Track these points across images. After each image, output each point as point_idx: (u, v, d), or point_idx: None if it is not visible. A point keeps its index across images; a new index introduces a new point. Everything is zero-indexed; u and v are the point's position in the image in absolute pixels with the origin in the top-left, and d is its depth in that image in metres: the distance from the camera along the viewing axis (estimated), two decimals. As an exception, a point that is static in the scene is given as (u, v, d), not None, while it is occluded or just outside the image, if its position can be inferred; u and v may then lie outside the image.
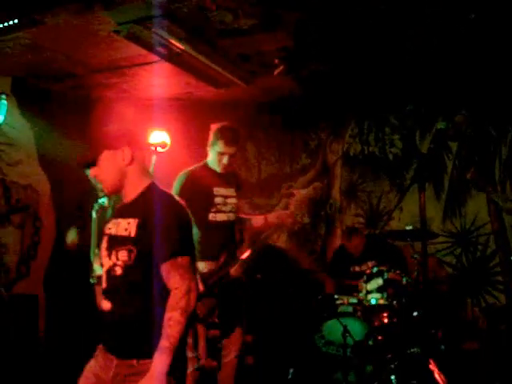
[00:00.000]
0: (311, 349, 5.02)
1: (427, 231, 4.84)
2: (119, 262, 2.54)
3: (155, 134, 4.14)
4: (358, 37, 4.57)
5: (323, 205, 6.78)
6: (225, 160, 4.16)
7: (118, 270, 2.54)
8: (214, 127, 4.21)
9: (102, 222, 4.14)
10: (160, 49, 4.50)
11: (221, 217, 4.22)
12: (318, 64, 5.19)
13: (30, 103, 5.54)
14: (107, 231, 2.72)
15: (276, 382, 5.10)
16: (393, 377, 4.58)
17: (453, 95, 5.88)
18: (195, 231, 3.99)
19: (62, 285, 5.66)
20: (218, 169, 4.22)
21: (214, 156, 4.19)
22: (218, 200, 4.20)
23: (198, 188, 4.08)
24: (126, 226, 2.57)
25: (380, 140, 6.46)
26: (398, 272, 5.05)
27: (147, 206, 2.56)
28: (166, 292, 2.47)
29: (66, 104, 5.91)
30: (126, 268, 2.52)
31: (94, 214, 4.19)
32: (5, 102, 3.51)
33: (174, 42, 4.37)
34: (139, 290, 2.53)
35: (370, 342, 4.84)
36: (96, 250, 4.33)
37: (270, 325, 5.87)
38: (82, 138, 5.76)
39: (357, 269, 5.60)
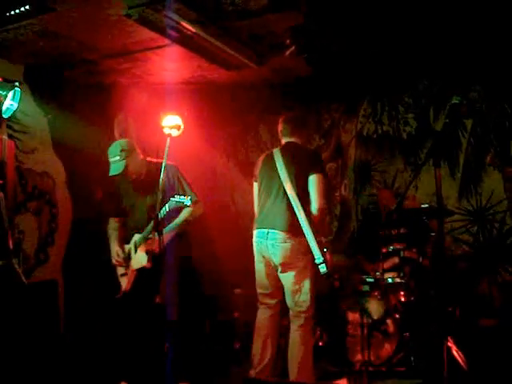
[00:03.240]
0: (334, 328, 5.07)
1: (443, 209, 4.81)
2: None
3: (168, 118, 4.15)
4: (369, 14, 4.53)
5: (338, 186, 6.77)
6: None
7: None
8: None
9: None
10: (171, 32, 4.49)
11: None
12: (329, 43, 5.15)
13: (43, 90, 5.55)
14: None
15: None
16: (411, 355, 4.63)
17: (466, 71, 5.80)
18: None
19: (80, 270, 5.72)
20: None
21: None
22: None
23: None
24: None
25: (393, 119, 6.42)
26: (414, 250, 5.06)
27: None
28: None
29: (80, 90, 5.93)
30: None
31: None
32: (18, 89, 3.52)
33: (185, 24, 4.36)
34: None
35: (388, 321, 4.87)
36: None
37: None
38: (95, 124, 5.89)
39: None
